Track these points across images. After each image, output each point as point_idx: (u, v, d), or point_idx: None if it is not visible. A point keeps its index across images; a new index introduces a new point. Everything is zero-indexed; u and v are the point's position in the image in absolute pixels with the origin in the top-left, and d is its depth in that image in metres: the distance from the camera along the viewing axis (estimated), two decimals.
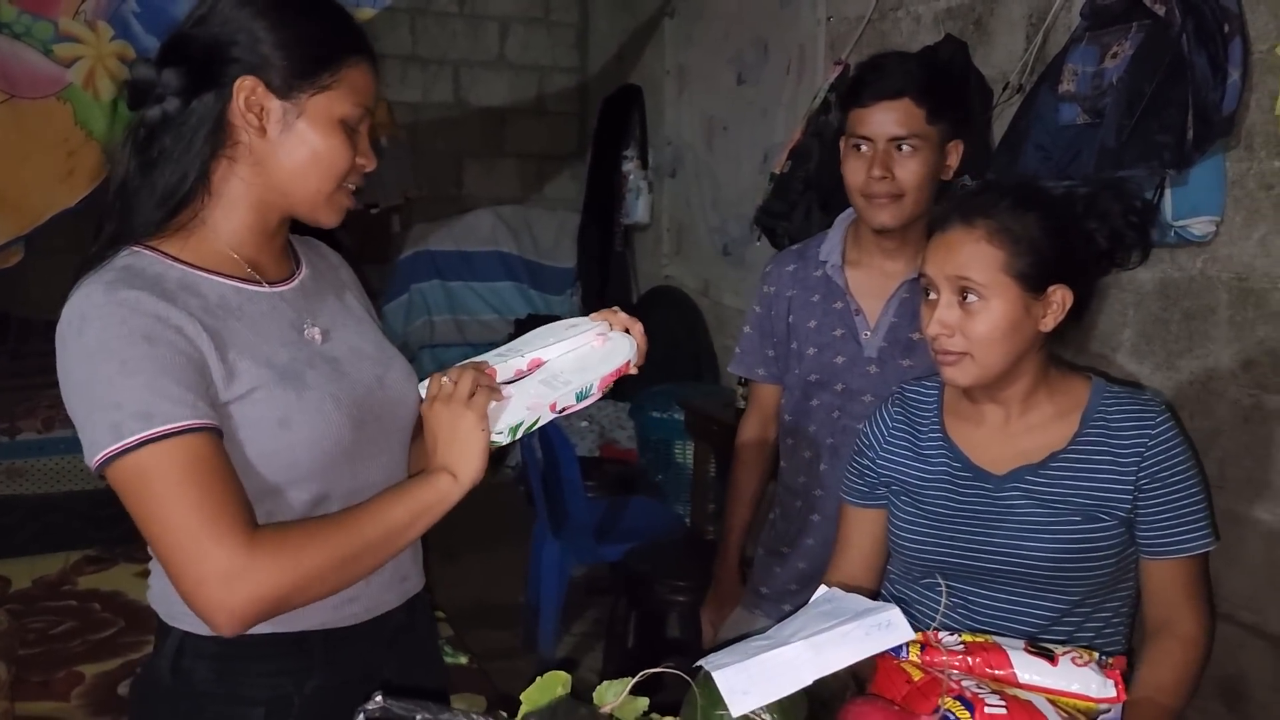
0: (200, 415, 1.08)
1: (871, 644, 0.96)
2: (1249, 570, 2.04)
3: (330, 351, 1.25)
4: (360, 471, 1.23)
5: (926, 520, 1.49)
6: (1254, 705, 2.05)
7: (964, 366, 1.40)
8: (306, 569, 1.07)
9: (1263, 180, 1.98)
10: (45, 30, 2.58)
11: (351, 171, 1.22)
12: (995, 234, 1.36)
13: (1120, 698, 1.09)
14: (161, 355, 1.08)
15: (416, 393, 1.31)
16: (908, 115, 1.77)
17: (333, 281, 1.37)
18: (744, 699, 0.90)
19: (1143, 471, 1.40)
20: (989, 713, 0.99)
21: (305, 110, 1.17)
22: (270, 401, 1.15)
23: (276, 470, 1.16)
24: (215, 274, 1.19)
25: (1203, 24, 1.95)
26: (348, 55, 1.19)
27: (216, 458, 1.08)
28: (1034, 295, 1.38)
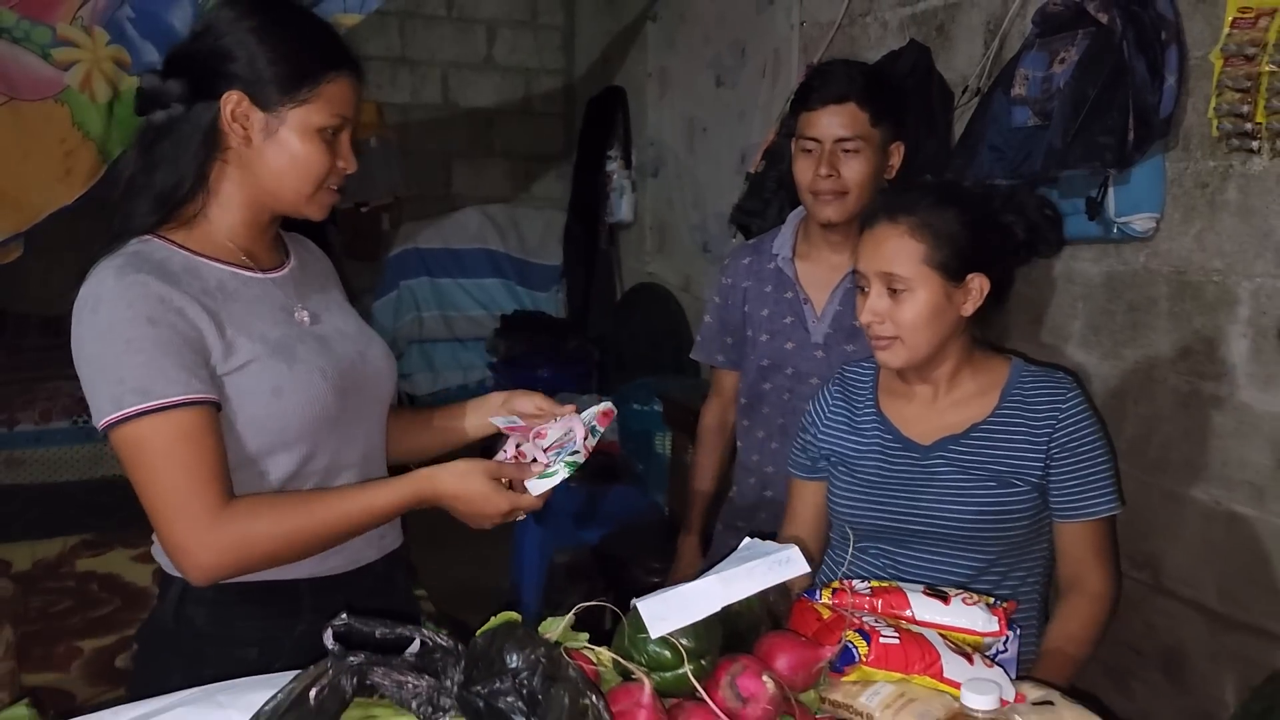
0: (193, 391, 1.23)
1: (773, 576, 1.09)
2: (1187, 548, 2.15)
3: (318, 331, 1.41)
4: (344, 436, 1.39)
5: (860, 488, 1.63)
6: (1192, 675, 2.16)
7: (895, 350, 1.54)
8: (268, 542, 1.25)
9: (1198, 179, 2.09)
10: (44, 35, 2.62)
11: (331, 174, 1.37)
12: (917, 229, 1.50)
13: (1002, 631, 1.22)
14: (162, 336, 1.22)
15: (393, 368, 1.50)
16: (852, 118, 1.91)
17: (318, 272, 1.53)
18: (662, 623, 1.03)
19: (1054, 442, 1.55)
20: (883, 642, 1.12)
21: (285, 121, 1.32)
22: (264, 373, 1.30)
23: (270, 433, 1.31)
24: (215, 260, 1.34)
25: (1142, 31, 2.06)
26: (326, 71, 1.33)
27: (204, 431, 1.23)
28: (954, 283, 1.51)
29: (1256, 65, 1.86)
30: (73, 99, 2.68)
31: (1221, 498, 2.07)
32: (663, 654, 1.05)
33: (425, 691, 0.87)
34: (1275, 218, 1.94)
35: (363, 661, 0.86)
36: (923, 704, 1.09)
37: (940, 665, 1.12)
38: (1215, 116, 1.96)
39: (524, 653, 0.89)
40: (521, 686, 0.86)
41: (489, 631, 0.94)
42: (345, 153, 1.38)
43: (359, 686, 0.87)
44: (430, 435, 1.64)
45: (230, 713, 0.89)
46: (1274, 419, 1.96)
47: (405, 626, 0.91)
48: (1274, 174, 1.93)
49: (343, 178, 1.39)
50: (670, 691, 1.05)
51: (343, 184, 1.41)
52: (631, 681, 1.01)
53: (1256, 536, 2.01)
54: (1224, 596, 2.08)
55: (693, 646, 1.06)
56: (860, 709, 1.12)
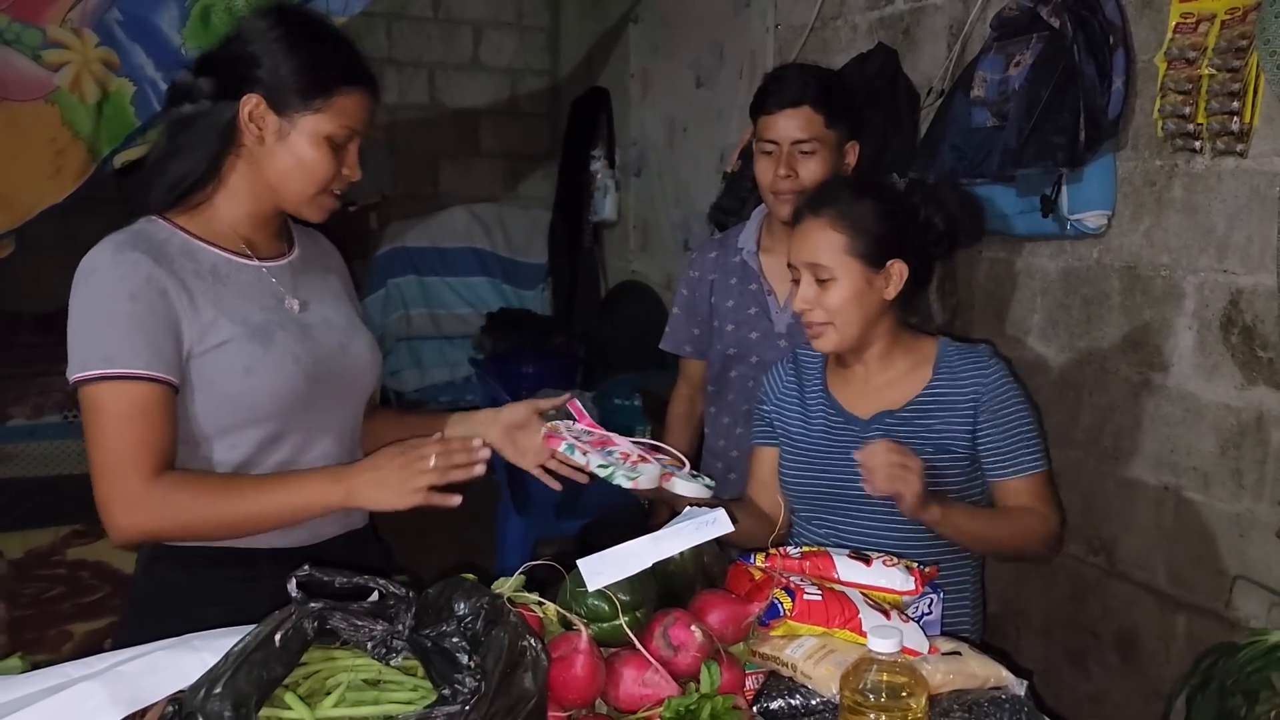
0: (153, 369, 1.33)
1: (700, 535, 1.19)
2: (1140, 533, 2.24)
3: (304, 319, 1.50)
4: (313, 420, 1.48)
5: (804, 459, 1.75)
6: (1145, 654, 2.24)
7: (828, 335, 1.68)
8: (183, 515, 1.34)
9: (1146, 177, 2.17)
10: (34, 37, 2.67)
11: (335, 180, 1.46)
12: (836, 221, 1.63)
13: (917, 590, 1.31)
14: (139, 312, 1.33)
15: (377, 362, 1.59)
16: (808, 121, 2.00)
17: (321, 265, 1.63)
18: (598, 577, 1.12)
19: (981, 408, 1.68)
20: (806, 599, 1.21)
21: (297, 126, 1.42)
22: (239, 352, 1.39)
23: (241, 409, 1.41)
24: (213, 245, 1.45)
25: (1091, 36, 2.14)
26: (341, 84, 1.42)
27: (155, 407, 1.33)
28: (874, 270, 1.64)
29: (1197, 68, 1.95)
30: (63, 99, 2.72)
31: (1170, 484, 2.16)
32: (601, 607, 1.14)
33: (380, 635, 0.94)
34: (1217, 215, 2.02)
35: (323, 607, 0.94)
36: (842, 654, 1.17)
37: (859, 620, 1.21)
38: (1160, 118, 2.05)
39: (470, 601, 0.97)
40: (466, 630, 0.94)
41: (440, 583, 1.02)
42: (351, 162, 1.46)
43: (320, 630, 0.94)
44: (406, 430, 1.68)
45: (205, 655, 0.97)
46: (1218, 407, 2.05)
47: (362, 577, 0.99)
48: (1215, 173, 2.02)
49: (346, 185, 1.48)
50: (608, 641, 1.14)
51: (345, 191, 1.50)
52: (571, 631, 1.10)
53: (1203, 520, 2.09)
54: (1173, 579, 2.17)
55: (628, 599, 1.15)
56: (786, 660, 1.21)
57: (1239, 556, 2.02)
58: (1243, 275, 1.98)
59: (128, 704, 0.94)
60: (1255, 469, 1.98)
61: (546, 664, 0.96)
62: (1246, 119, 1.90)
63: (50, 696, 0.93)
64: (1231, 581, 2.02)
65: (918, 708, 1.02)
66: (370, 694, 0.96)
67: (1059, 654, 2.47)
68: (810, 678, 1.18)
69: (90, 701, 0.93)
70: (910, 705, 1.01)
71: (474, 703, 0.85)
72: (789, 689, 1.21)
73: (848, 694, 1.03)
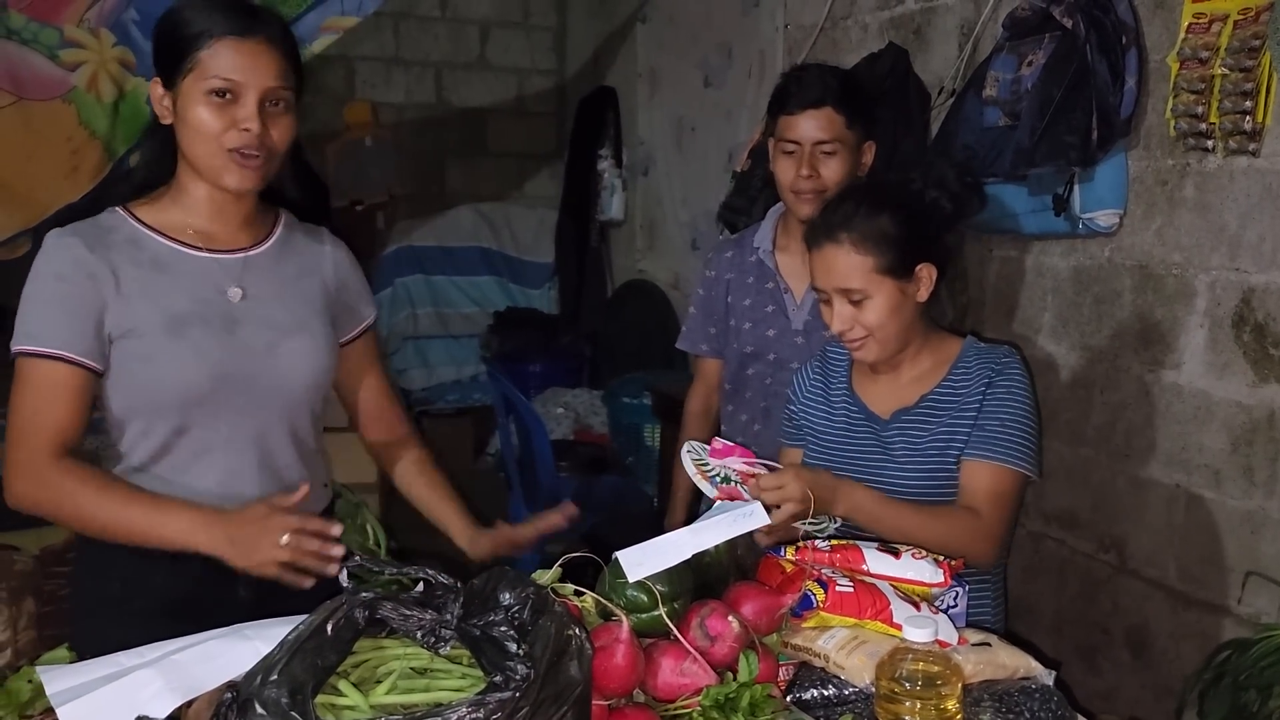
0: (69, 350, 1.40)
1: (737, 528, 1.21)
2: (1151, 530, 2.26)
3: (237, 312, 1.50)
4: (221, 418, 1.49)
5: (826, 457, 1.76)
6: (1156, 652, 2.26)
7: (869, 347, 1.69)
8: (63, 507, 1.41)
9: (1158, 176, 2.19)
10: (51, 37, 2.69)
11: (229, 133, 1.42)
12: (859, 243, 1.63)
13: (946, 582, 1.33)
14: (63, 292, 1.41)
15: (316, 367, 1.58)
16: (829, 122, 2.01)
17: (305, 264, 1.62)
18: (639, 569, 1.15)
19: (985, 399, 1.68)
20: (839, 591, 1.23)
21: (180, 93, 1.43)
22: (144, 341, 1.44)
23: (143, 397, 1.46)
24: (161, 235, 1.49)
25: (1104, 35, 2.16)
26: (199, 41, 1.41)
27: (66, 387, 1.40)
28: (905, 280, 1.64)
29: (1210, 68, 1.97)
30: (79, 99, 2.74)
31: (1182, 481, 2.18)
32: (640, 598, 1.17)
33: (429, 624, 0.96)
34: (1229, 213, 2.04)
35: (374, 597, 0.96)
36: (874, 645, 1.20)
37: (890, 611, 1.23)
38: (1172, 117, 2.07)
39: (515, 591, 0.99)
40: (513, 619, 0.96)
41: (484, 574, 1.04)
42: (243, 115, 1.42)
43: (370, 619, 0.96)
44: (423, 506, 1.76)
45: (257, 644, 0.99)
46: (1229, 405, 2.07)
47: (411, 568, 1.01)
48: (1227, 172, 2.04)
49: (252, 141, 1.42)
50: (646, 631, 1.16)
51: (257, 151, 1.44)
52: (612, 621, 1.12)
53: (1213, 518, 2.11)
54: (1184, 575, 2.19)
55: (666, 590, 1.17)
56: (818, 650, 1.23)
57: (1250, 553, 2.04)
58: (1255, 274, 2.00)
59: (184, 691, 0.96)
60: (1267, 466, 2.00)
61: (591, 653, 0.98)
62: (1259, 118, 1.92)
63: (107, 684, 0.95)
64: (1244, 578, 2.04)
65: (952, 696, 1.04)
66: (421, 682, 0.98)
67: (1070, 650, 2.49)
68: (843, 668, 1.20)
69: (148, 689, 0.95)
70: (945, 694, 1.03)
71: (525, 690, 0.87)
72: (821, 679, 1.23)
73: (884, 683, 1.05)
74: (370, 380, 1.77)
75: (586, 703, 0.97)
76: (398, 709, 0.93)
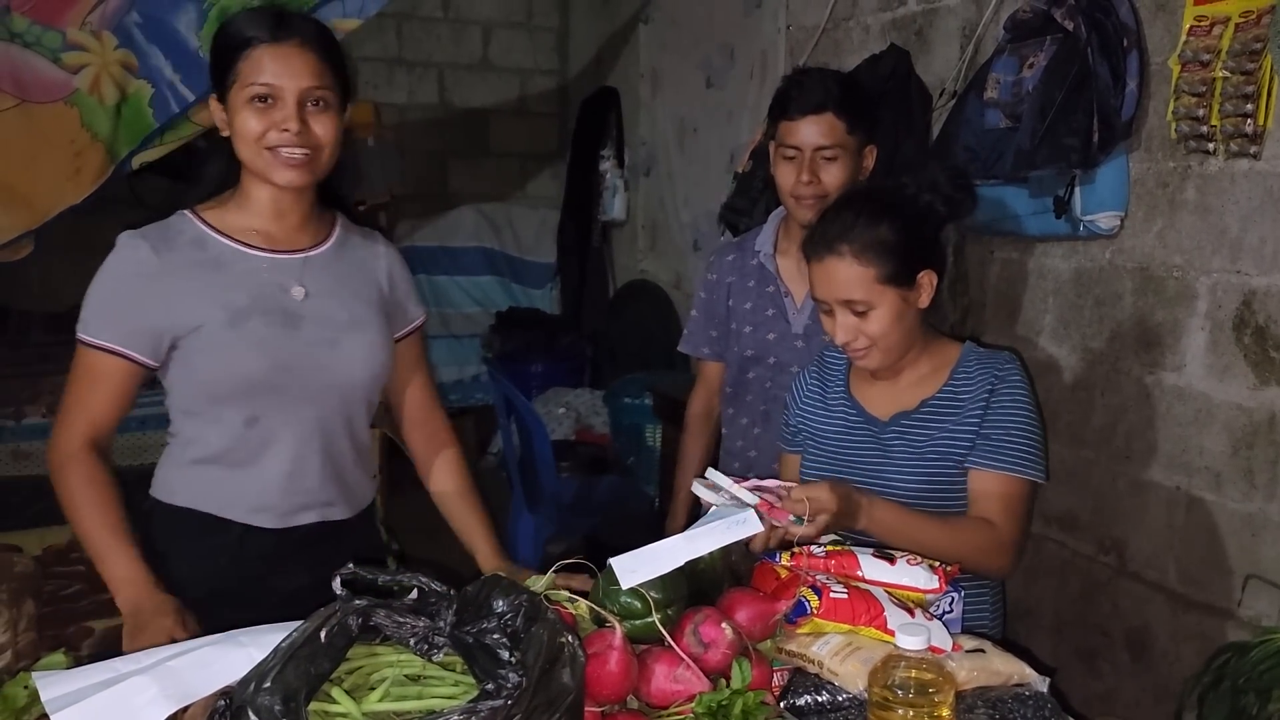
0: (116, 343, 1.52)
1: (731, 535, 1.21)
2: (1151, 532, 2.25)
3: (298, 309, 1.58)
4: (288, 408, 1.58)
5: (825, 459, 1.77)
6: (1156, 653, 2.26)
7: (873, 356, 1.68)
8: (63, 500, 1.54)
9: (1160, 179, 2.19)
10: (54, 40, 2.69)
11: (269, 133, 1.51)
12: (860, 254, 1.61)
13: (941, 588, 1.33)
14: (122, 290, 1.52)
15: (375, 363, 1.66)
16: (830, 127, 2.01)
17: (361, 264, 1.71)
18: (632, 575, 1.15)
19: (988, 407, 1.67)
20: (833, 597, 1.23)
21: (230, 105, 1.54)
22: (211, 337, 1.53)
23: (211, 388, 1.55)
24: (225, 236, 1.58)
25: (1105, 38, 2.16)
26: (238, 54, 1.51)
27: (112, 378, 1.52)
28: (907, 288, 1.63)
29: (1211, 71, 1.96)
30: (82, 101, 2.74)
31: (1182, 484, 2.18)
32: (633, 604, 1.17)
33: (422, 631, 0.97)
34: (1230, 216, 2.04)
35: (367, 604, 0.96)
36: (868, 652, 1.19)
37: (884, 618, 1.23)
38: (1174, 119, 2.06)
39: (508, 599, 0.99)
40: (506, 626, 0.96)
41: (478, 581, 1.05)
42: (281, 116, 1.50)
43: (363, 626, 0.97)
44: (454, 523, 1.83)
45: (251, 650, 0.99)
46: (1230, 408, 2.06)
47: (404, 574, 1.01)
48: (1228, 174, 2.04)
49: (293, 140, 1.51)
50: (640, 638, 1.16)
51: (300, 149, 1.52)
52: (605, 628, 1.12)
53: (1214, 520, 2.11)
54: (1184, 578, 2.18)
55: (660, 597, 1.17)
56: (812, 657, 1.23)
57: (1251, 556, 2.03)
58: (1256, 276, 1.99)
59: (178, 698, 0.97)
60: (1268, 469, 1.99)
61: (584, 660, 0.98)
62: (1260, 121, 1.91)
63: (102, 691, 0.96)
64: (1243, 581, 2.04)
65: (945, 704, 1.04)
66: (414, 689, 0.99)
67: (1069, 653, 2.49)
68: (837, 674, 1.20)
69: (142, 696, 0.96)
70: (938, 701, 1.03)
71: (517, 697, 0.87)
72: (815, 685, 1.23)
73: (876, 690, 1.05)
74: (417, 381, 1.83)
75: (579, 710, 0.97)
76: (390, 716, 0.93)
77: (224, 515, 1.59)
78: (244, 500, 1.59)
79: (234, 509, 1.59)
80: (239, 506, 1.59)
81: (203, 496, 1.59)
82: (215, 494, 1.59)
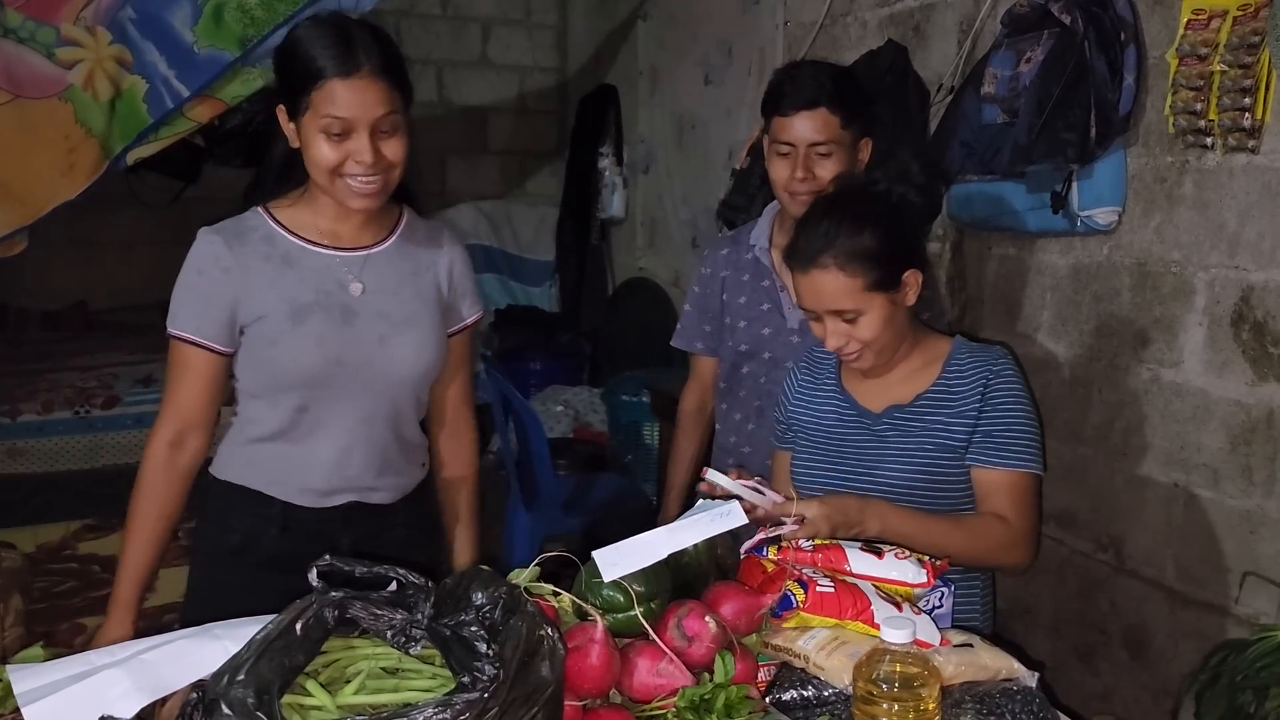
0: (200, 335, 1.60)
1: (714, 527, 1.20)
2: (1149, 530, 2.24)
3: (355, 305, 1.64)
4: (336, 399, 1.65)
5: (817, 453, 1.77)
6: (1153, 651, 2.24)
7: (866, 357, 1.68)
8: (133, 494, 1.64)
9: (1157, 174, 2.18)
10: (48, 35, 2.68)
11: (345, 164, 1.55)
12: (845, 264, 1.60)
13: (929, 583, 1.31)
14: (201, 284, 1.61)
15: (424, 361, 1.71)
16: (824, 123, 1.98)
17: (419, 261, 1.74)
18: (614, 568, 1.14)
19: (985, 400, 1.67)
20: (819, 591, 1.22)
21: (302, 127, 1.56)
22: (273, 328, 1.60)
23: (269, 376, 1.63)
24: (292, 234, 1.65)
25: (1103, 32, 2.15)
26: (313, 83, 1.52)
27: (197, 368, 1.62)
28: (894, 290, 1.62)
29: (1209, 65, 1.95)
30: (76, 97, 2.73)
31: (1180, 480, 2.16)
32: (616, 597, 1.15)
33: (399, 623, 0.95)
34: (1228, 211, 2.03)
35: (344, 596, 0.95)
36: (854, 646, 1.18)
37: (871, 612, 1.21)
38: (1171, 114, 2.05)
39: (488, 591, 0.98)
40: (484, 619, 0.95)
41: (457, 573, 1.03)
42: (357, 148, 1.54)
43: (340, 619, 0.95)
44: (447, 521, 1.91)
45: (226, 643, 0.98)
46: (1228, 404, 2.05)
47: (382, 566, 1.00)
48: (1226, 169, 2.02)
49: (368, 169, 1.55)
50: (623, 632, 1.14)
51: (374, 177, 1.57)
52: (587, 621, 1.10)
53: (1212, 517, 2.09)
54: (1182, 575, 2.17)
55: (643, 590, 1.16)
56: (798, 651, 1.21)
57: (1249, 553, 2.02)
58: (1254, 271, 1.98)
59: (151, 691, 0.95)
60: (1266, 466, 1.98)
61: (563, 653, 0.97)
62: (1258, 115, 1.90)
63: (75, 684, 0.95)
64: (1241, 578, 2.03)
65: (930, 698, 1.02)
66: (390, 682, 0.97)
67: (1067, 650, 2.47)
68: (823, 669, 1.19)
69: (115, 689, 0.95)
70: (923, 696, 1.02)
71: (493, 690, 0.86)
72: (801, 680, 1.22)
73: (861, 684, 1.04)
74: (457, 379, 1.86)
75: (558, 703, 0.95)
76: (365, 709, 0.92)
77: (269, 492, 1.67)
78: (290, 480, 1.67)
79: (279, 487, 1.67)
80: (285, 485, 1.67)
81: (253, 474, 1.68)
82: (264, 472, 1.68)
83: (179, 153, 4.05)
